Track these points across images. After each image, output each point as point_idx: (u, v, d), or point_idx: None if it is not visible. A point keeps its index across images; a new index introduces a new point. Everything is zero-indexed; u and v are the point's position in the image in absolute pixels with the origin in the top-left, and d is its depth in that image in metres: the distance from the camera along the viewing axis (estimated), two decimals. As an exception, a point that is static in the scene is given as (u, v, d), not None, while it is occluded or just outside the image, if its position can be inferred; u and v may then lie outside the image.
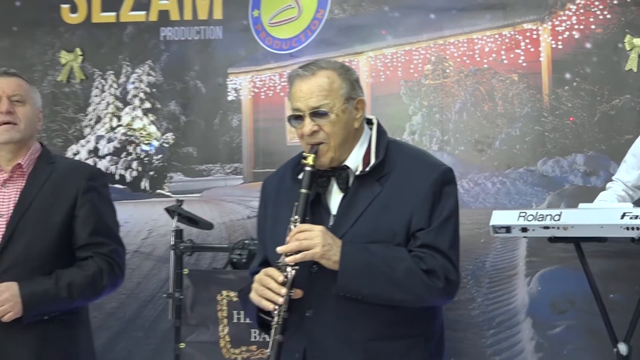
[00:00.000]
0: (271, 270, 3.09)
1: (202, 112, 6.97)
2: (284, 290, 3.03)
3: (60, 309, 3.70)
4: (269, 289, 3.06)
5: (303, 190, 3.10)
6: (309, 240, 3.04)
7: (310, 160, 3.11)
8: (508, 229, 4.36)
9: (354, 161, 3.20)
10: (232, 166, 6.89)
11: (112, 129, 7.10)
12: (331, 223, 3.16)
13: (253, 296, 3.11)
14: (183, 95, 7.02)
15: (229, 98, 6.89)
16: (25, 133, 3.77)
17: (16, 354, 3.65)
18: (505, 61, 6.31)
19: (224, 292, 5.47)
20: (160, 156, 7.03)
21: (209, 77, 6.95)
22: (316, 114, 3.12)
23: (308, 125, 3.12)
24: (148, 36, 7.05)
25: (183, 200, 5.81)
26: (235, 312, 5.43)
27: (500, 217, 4.38)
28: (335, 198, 3.20)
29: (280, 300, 3.03)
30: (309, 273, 3.10)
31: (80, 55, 7.11)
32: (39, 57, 7.22)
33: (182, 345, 5.52)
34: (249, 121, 6.86)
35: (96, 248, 3.74)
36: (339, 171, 3.19)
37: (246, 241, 5.54)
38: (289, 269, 3.06)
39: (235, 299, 5.42)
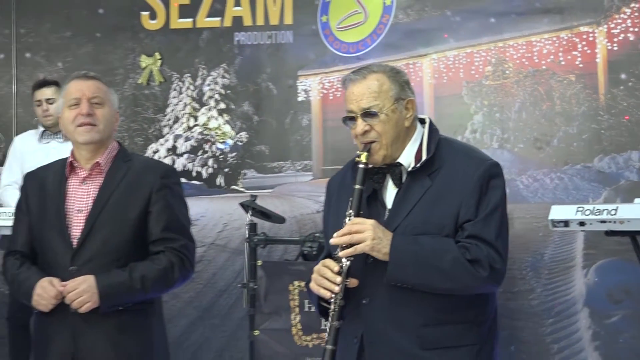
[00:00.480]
0: (328, 261, 3.24)
1: (273, 112, 7.17)
2: (339, 279, 3.17)
3: (134, 300, 3.76)
4: (326, 278, 3.21)
5: (357, 186, 3.23)
6: (360, 233, 3.18)
7: (363, 157, 3.23)
8: (566, 223, 4.45)
9: (407, 158, 3.31)
10: (302, 163, 7.08)
11: (189, 128, 7.33)
12: (386, 217, 3.29)
13: (312, 285, 3.29)
14: (256, 96, 7.22)
15: (299, 99, 7.08)
16: (104, 134, 3.82)
17: (94, 341, 3.74)
18: (563, 62, 6.38)
19: (296, 282, 5.61)
20: (234, 154, 7.23)
21: (280, 79, 7.15)
22: (367, 114, 3.23)
23: (360, 125, 3.25)
24: (223, 41, 7.26)
25: (257, 196, 5.97)
26: (306, 301, 5.56)
27: (559, 212, 4.48)
28: (390, 193, 3.32)
29: (336, 288, 3.18)
30: (365, 264, 3.25)
31: (159, 59, 7.37)
32: (120, 61, 7.47)
33: (257, 332, 5.65)
34: (318, 120, 7.05)
35: (168, 243, 3.79)
36: (393, 168, 3.30)
37: (316, 234, 5.66)
38: (343, 260, 3.19)
39: (306, 289, 5.65)
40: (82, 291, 3.67)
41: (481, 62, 6.65)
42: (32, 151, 6.64)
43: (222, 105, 7.30)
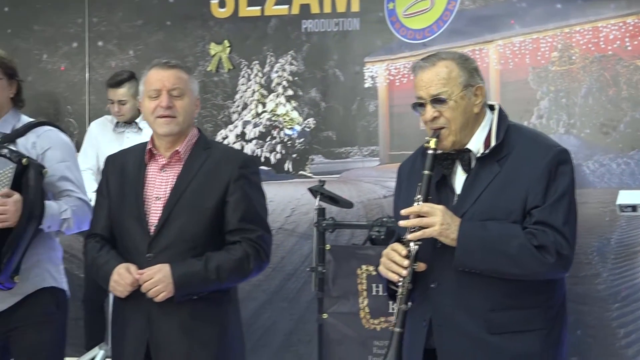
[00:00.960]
0: (396, 245, 3.30)
1: (340, 98, 7.19)
2: (406, 263, 3.24)
3: (209, 290, 3.76)
4: (394, 262, 3.28)
5: (425, 172, 3.28)
6: (429, 218, 3.23)
7: (432, 143, 3.29)
8: (634, 207, 4.49)
9: (476, 144, 3.36)
10: (369, 149, 7.09)
11: (258, 114, 7.37)
12: (455, 202, 3.34)
13: (381, 269, 3.35)
14: (323, 83, 7.24)
15: (366, 85, 7.08)
16: (184, 125, 3.81)
17: (167, 328, 3.75)
18: (629, 48, 6.34)
19: (364, 267, 5.68)
20: (302, 140, 7.27)
21: (347, 66, 7.17)
22: (436, 100, 3.29)
23: (429, 111, 3.31)
24: (290, 28, 7.29)
25: (325, 181, 6.01)
26: (374, 285, 5.63)
27: (626, 197, 4.50)
28: (459, 179, 3.37)
29: (404, 272, 3.24)
30: (434, 248, 3.31)
31: (228, 46, 7.40)
32: (190, 49, 7.53)
33: (325, 315, 5.73)
34: (384, 107, 7.05)
35: (245, 234, 3.78)
36: (462, 154, 3.35)
37: (384, 219, 5.69)
38: (412, 244, 3.25)
39: (374, 272, 5.59)
40: (158, 281, 3.70)
41: (547, 47, 6.63)
42: (107, 140, 6.79)
43: (290, 92, 7.35)
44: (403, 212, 3.31)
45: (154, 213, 3.82)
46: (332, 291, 5.81)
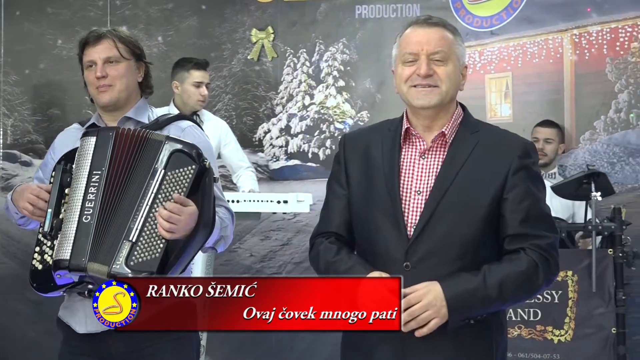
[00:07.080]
0: None
1: (398, 90, 6.85)
2: None
3: (488, 312, 3.09)
4: None
5: None
6: None
7: None
8: None
9: None
10: (431, 144, 6.76)
11: (305, 107, 6.95)
12: None
13: None
14: (379, 73, 6.81)
15: (427, 76, 6.77)
16: (446, 97, 3.13)
17: None
18: None
19: None
20: None
21: (406, 55, 6.83)
22: None
23: None
24: (342, 14, 6.89)
25: None
26: None
27: None
28: None
29: None
30: None
31: (272, 33, 6.95)
32: (228, 35, 7.06)
33: None
34: (450, 98, 6.74)
35: (530, 240, 3.10)
36: None
37: None
38: None
39: None
40: (428, 305, 2.97)
41: (626, 38, 6.38)
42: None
43: (341, 83, 6.92)
44: None
45: (414, 210, 3.11)
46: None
